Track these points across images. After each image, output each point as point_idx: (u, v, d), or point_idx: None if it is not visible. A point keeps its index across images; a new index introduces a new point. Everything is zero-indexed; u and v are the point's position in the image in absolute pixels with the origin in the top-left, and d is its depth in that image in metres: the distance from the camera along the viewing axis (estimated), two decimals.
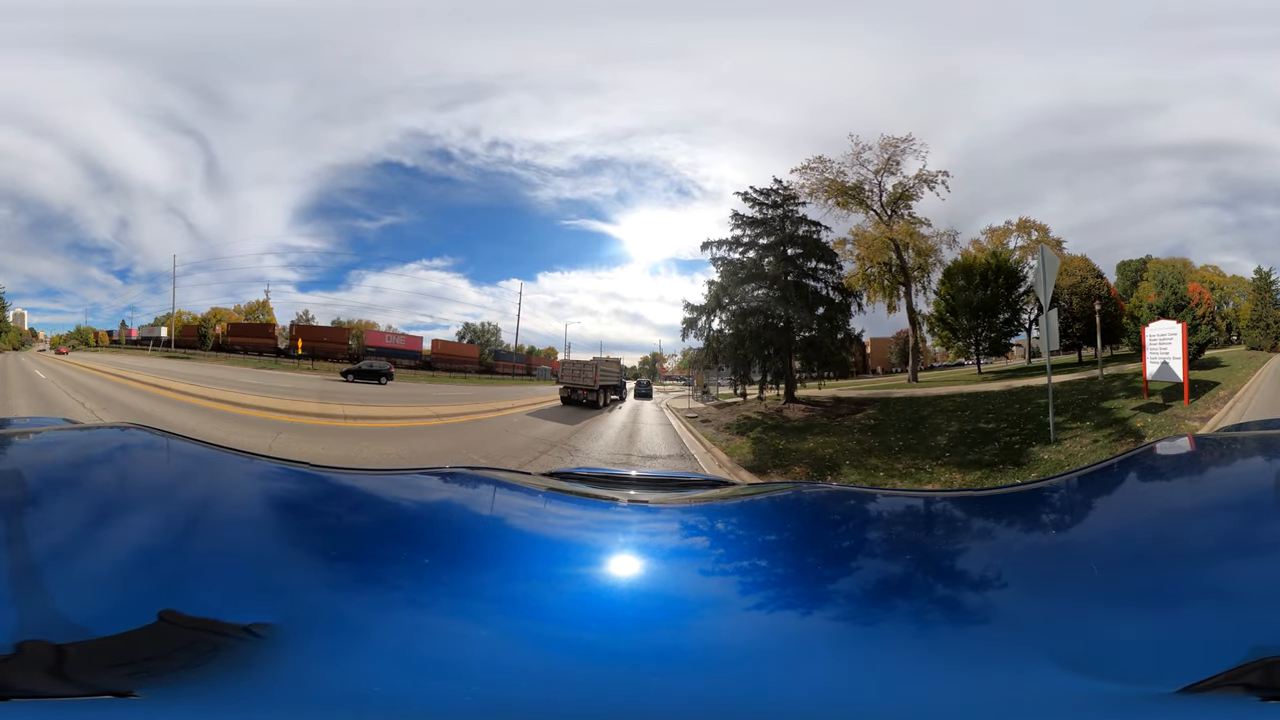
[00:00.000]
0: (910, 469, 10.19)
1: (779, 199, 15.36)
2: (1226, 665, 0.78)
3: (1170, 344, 9.41)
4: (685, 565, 1.37)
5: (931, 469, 10.02)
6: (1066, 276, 14.72)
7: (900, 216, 16.06)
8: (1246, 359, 13.77)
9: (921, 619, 1.06)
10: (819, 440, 12.56)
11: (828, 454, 11.55)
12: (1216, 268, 15.52)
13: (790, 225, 15.35)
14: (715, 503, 2.00)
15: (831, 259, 15.65)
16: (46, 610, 0.88)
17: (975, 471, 9.49)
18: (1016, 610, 1.04)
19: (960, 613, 1.07)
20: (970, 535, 1.55)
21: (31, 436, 2.22)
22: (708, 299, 15.52)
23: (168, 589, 0.98)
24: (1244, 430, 2.94)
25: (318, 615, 0.96)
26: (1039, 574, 1.17)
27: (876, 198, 15.93)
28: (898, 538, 1.61)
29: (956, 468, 9.84)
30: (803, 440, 12.62)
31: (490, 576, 1.21)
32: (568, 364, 16.93)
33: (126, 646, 0.82)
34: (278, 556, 1.19)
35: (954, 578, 1.22)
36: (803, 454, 11.69)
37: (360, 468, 1.95)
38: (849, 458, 11.20)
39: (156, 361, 18.21)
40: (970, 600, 1.12)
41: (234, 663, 0.82)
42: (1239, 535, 1.23)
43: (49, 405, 12.33)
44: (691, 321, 15.80)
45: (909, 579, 1.22)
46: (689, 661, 0.91)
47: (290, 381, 16.20)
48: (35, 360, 18.09)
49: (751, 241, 15.34)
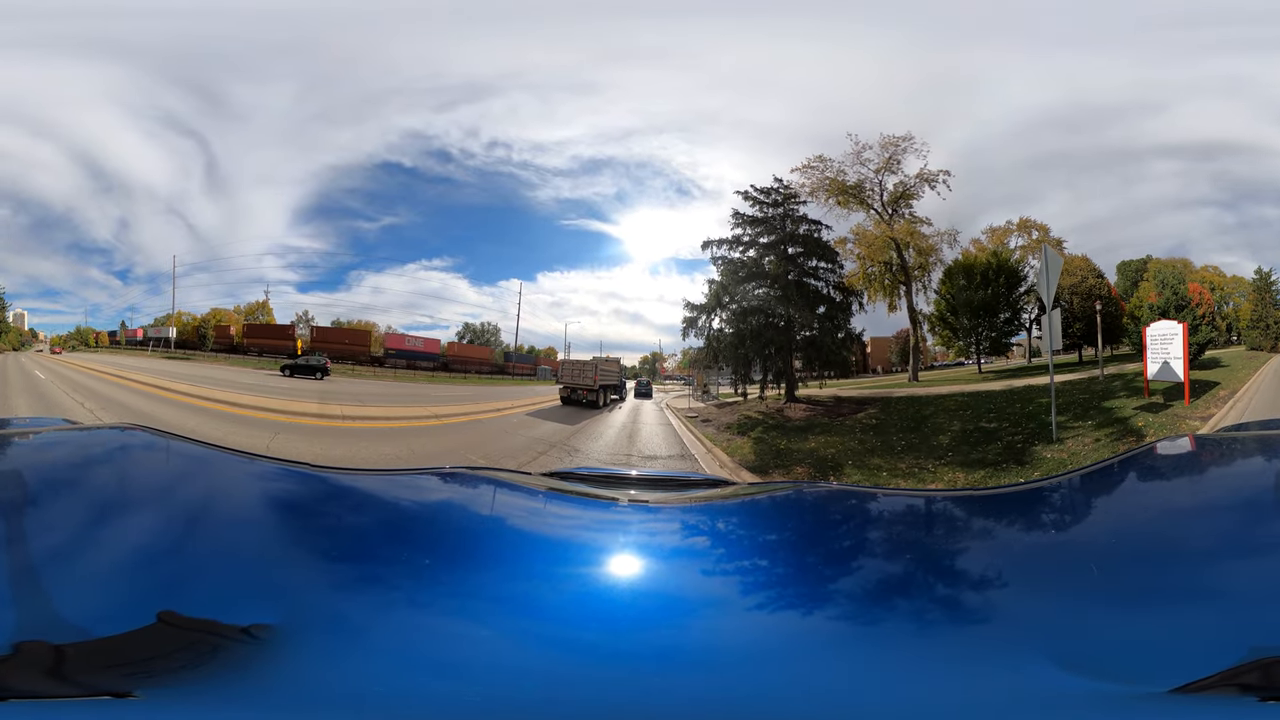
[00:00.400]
0: (913, 468, 10.18)
1: (779, 198, 15.32)
2: (1224, 665, 0.78)
3: (1171, 344, 9.53)
4: (686, 565, 1.37)
5: (934, 468, 10.01)
6: (1068, 276, 14.74)
7: (901, 216, 16.07)
8: (1247, 359, 13.83)
9: (921, 618, 1.07)
10: (821, 440, 12.51)
11: (830, 454, 11.50)
12: (1217, 268, 15.61)
13: (791, 224, 15.30)
14: (715, 502, 2.00)
15: (833, 258, 15.61)
16: (45, 611, 0.88)
17: (979, 470, 9.49)
18: (1016, 609, 1.04)
19: (960, 612, 1.07)
20: (970, 535, 1.56)
21: (31, 437, 2.21)
22: (708, 298, 15.45)
23: (167, 590, 0.98)
24: (1244, 430, 2.93)
25: (318, 616, 0.95)
26: (1038, 573, 1.18)
27: (877, 197, 15.96)
28: (898, 537, 1.61)
29: (960, 467, 9.83)
30: (804, 440, 12.56)
31: (491, 576, 1.21)
32: (567, 364, 16.99)
33: (125, 647, 0.82)
34: (277, 557, 1.19)
35: (953, 577, 1.22)
36: (804, 454, 11.64)
37: (360, 468, 1.95)
38: (851, 458, 11.16)
39: (155, 362, 18.23)
40: (970, 599, 1.12)
41: (233, 663, 0.82)
42: (1238, 535, 1.23)
43: (48, 405, 12.37)
44: (692, 321, 15.75)
45: (909, 578, 1.22)
46: (689, 661, 0.91)
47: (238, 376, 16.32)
48: (35, 360, 18.14)
49: (752, 240, 15.28)
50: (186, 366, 17.89)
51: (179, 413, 12.26)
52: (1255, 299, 15.05)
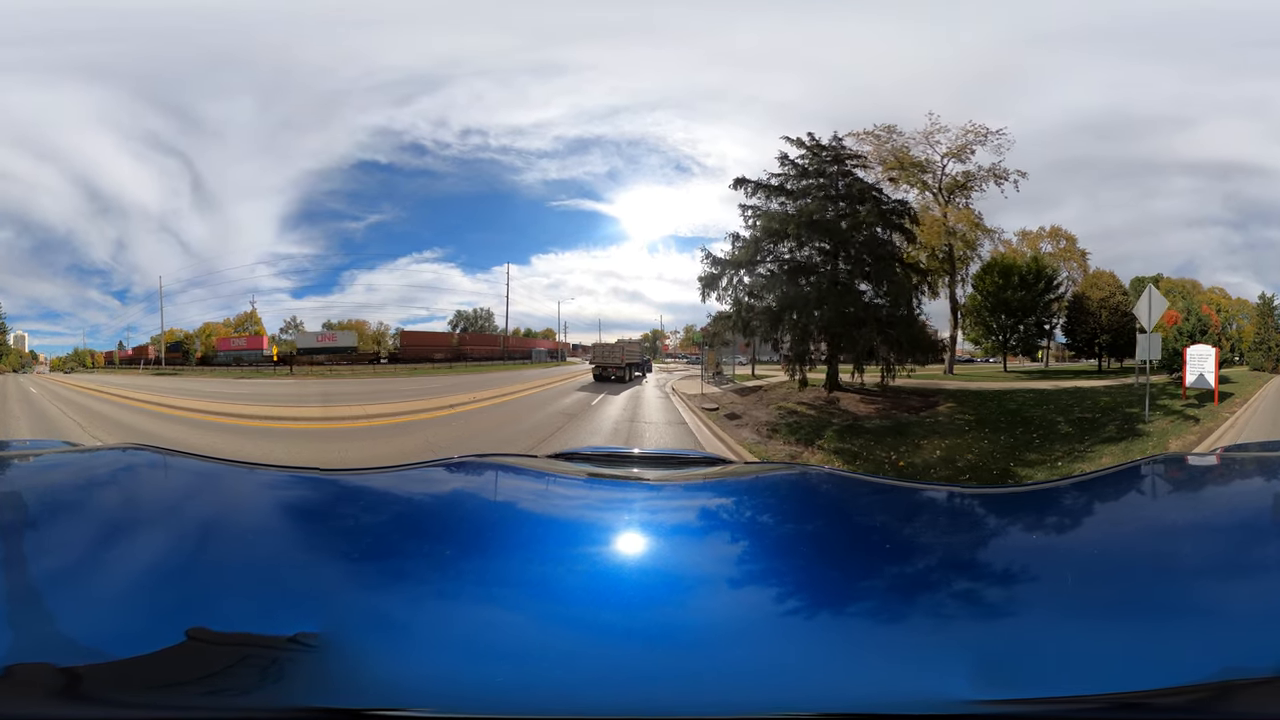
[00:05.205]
0: (1065, 456, 10.07)
1: (835, 154, 13.00)
2: (1184, 682, 0.79)
3: (1206, 361, 12.81)
4: (687, 543, 1.40)
5: (1084, 453, 10.16)
6: (1096, 290, 15.47)
7: (954, 205, 15.16)
8: (1250, 378, 14.67)
9: (886, 608, 1.07)
10: (941, 444, 10.56)
11: (970, 458, 9.92)
12: (1223, 290, 16.09)
13: (852, 185, 13.05)
14: (715, 480, 2.03)
15: (910, 234, 13.60)
16: (47, 633, 0.87)
17: (1116, 445, 10.34)
18: (975, 609, 1.04)
19: (920, 605, 1.07)
20: (955, 530, 1.56)
21: (32, 459, 2.20)
22: (740, 250, 12.63)
23: (192, 607, 0.97)
24: (1243, 451, 2.87)
25: (359, 618, 0.96)
26: (1012, 576, 1.17)
27: (937, 180, 14.96)
28: (884, 525, 1.64)
29: (1104, 444, 10.32)
30: (916, 446, 10.42)
31: (509, 562, 1.24)
32: (598, 346, 18.46)
33: (153, 667, 0.80)
34: (300, 564, 1.19)
35: (928, 570, 1.23)
36: (934, 464, 9.70)
37: (367, 467, 1.96)
38: (1000, 458, 9.90)
39: (144, 379, 18.43)
40: (936, 595, 1.12)
41: (291, 673, 0.82)
42: (1225, 555, 1.22)
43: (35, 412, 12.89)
44: (713, 279, 13.02)
45: (885, 566, 1.23)
46: (692, 640, 0.94)
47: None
48: (34, 380, 18.48)
49: (804, 191, 12.83)
50: (172, 381, 18.16)
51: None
52: (1259, 322, 15.74)
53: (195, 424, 12.93)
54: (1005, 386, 15.01)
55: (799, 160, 13.07)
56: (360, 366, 17.83)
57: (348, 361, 17.91)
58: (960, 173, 14.86)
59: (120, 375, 19.01)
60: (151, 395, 15.59)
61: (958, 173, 14.89)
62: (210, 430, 12.21)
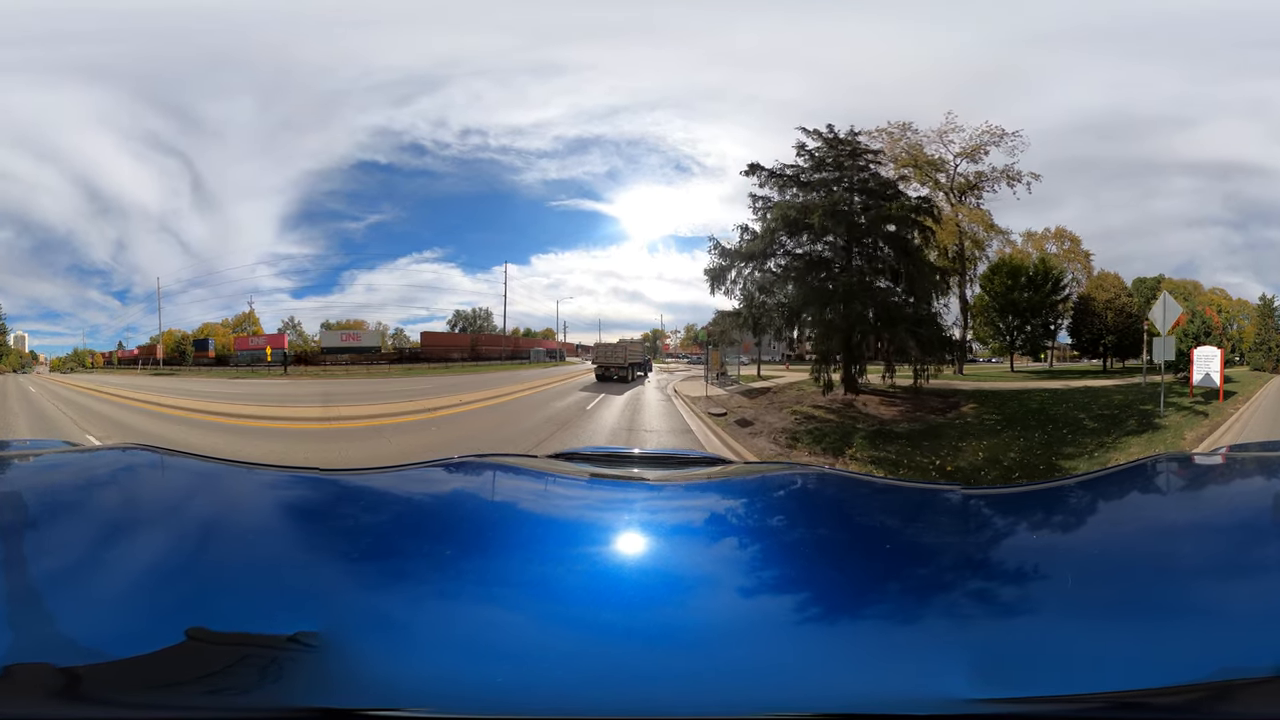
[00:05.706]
0: (1097, 448, 10.16)
1: (851, 148, 12.64)
2: (1181, 681, 0.79)
3: (1211, 362, 13.25)
4: (687, 543, 1.40)
5: (1113, 445, 10.35)
6: (1102, 291, 15.58)
7: (964, 204, 15.16)
8: (1251, 378, 14.84)
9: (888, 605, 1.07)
10: (979, 445, 10.33)
11: (1014, 457, 9.71)
12: (1224, 291, 16.28)
13: (872, 180, 12.70)
14: (715, 480, 2.03)
15: (929, 233, 13.25)
16: (46, 634, 0.87)
17: (1143, 435, 10.75)
18: (973, 608, 1.04)
19: (920, 605, 1.07)
20: (953, 530, 1.56)
21: (32, 459, 2.19)
22: (751, 242, 12.08)
23: (191, 607, 0.96)
24: (1244, 451, 2.86)
25: (359, 617, 0.96)
26: (1011, 576, 1.17)
27: (949, 180, 14.96)
28: (882, 524, 1.64)
29: (1130, 435, 10.63)
30: (956, 449, 10.10)
31: (510, 562, 1.24)
32: (600, 346, 18.39)
33: (153, 666, 0.80)
34: (300, 564, 1.19)
35: (928, 570, 1.23)
36: (981, 466, 9.36)
37: (367, 467, 1.96)
38: (1039, 455, 9.74)
39: (142, 378, 18.46)
40: (935, 595, 1.12)
41: (291, 673, 0.82)
42: (1227, 555, 1.22)
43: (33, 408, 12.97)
44: (721, 272, 12.41)
45: (885, 566, 1.23)
46: (692, 640, 0.94)
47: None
48: (33, 380, 18.56)
49: (821, 182, 12.41)
50: (169, 381, 18.19)
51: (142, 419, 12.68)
52: (1259, 323, 15.88)
53: (195, 424, 12.99)
54: (1019, 386, 15.06)
55: (815, 152, 12.71)
56: (355, 367, 17.83)
57: (367, 361, 18.02)
58: (973, 173, 14.92)
59: (118, 375, 19.03)
60: (151, 395, 15.62)
61: (970, 173, 14.94)
62: (210, 430, 12.24)
